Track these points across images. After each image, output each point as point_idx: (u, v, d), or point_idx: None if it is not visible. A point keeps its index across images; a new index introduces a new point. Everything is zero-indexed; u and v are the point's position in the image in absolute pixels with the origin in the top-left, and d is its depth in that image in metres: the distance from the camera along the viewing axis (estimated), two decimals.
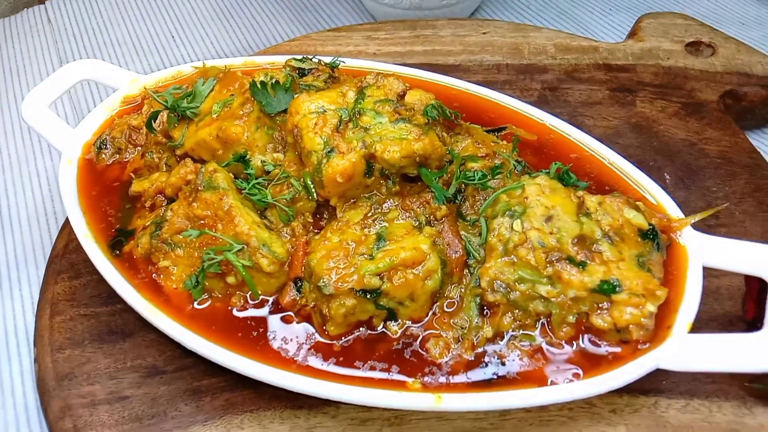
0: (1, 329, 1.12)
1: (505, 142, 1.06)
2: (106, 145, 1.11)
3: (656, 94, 1.37)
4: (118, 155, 1.11)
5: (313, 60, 1.13)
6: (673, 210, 0.97)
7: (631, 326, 0.84)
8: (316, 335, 0.90)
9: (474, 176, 0.96)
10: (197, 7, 1.88)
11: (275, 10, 1.86)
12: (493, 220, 0.91)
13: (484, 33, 1.51)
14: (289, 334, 0.90)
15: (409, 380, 0.85)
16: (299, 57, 1.13)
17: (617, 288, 0.84)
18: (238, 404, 0.92)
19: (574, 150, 1.09)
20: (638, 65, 1.43)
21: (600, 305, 0.86)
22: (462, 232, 0.94)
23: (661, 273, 0.89)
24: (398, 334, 0.89)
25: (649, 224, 0.91)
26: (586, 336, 0.87)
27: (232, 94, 1.04)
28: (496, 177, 0.96)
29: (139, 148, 1.11)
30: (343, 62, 1.16)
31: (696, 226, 0.94)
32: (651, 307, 0.84)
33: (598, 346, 0.86)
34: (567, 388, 0.83)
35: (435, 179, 0.95)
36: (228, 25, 1.81)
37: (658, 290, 0.85)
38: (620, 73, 1.42)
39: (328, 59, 1.14)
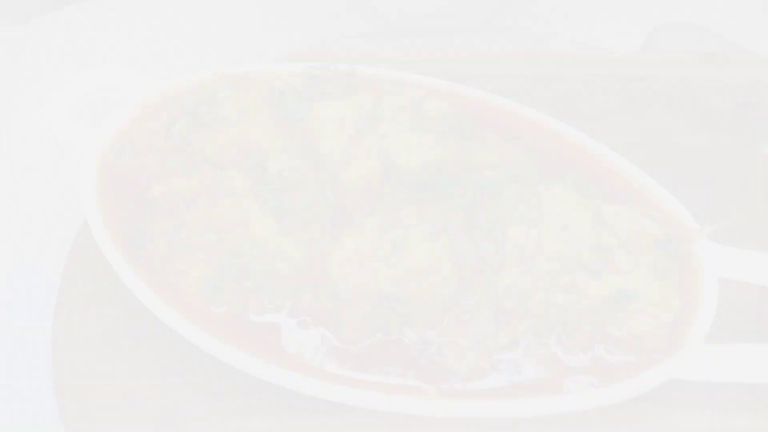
0: (19, 331, 1.13)
1: (520, 150, 1.07)
2: (124, 149, 1.12)
3: (670, 105, 1.37)
4: (136, 159, 1.12)
5: (331, 67, 1.14)
6: (688, 221, 0.98)
7: (646, 335, 0.84)
8: (332, 340, 0.91)
9: (490, 184, 0.97)
10: (214, 15, 1.90)
11: (293, 17, 1.87)
12: (509, 228, 0.92)
13: (499, 42, 1.52)
14: (305, 339, 0.91)
15: (425, 386, 0.85)
16: (317, 64, 1.14)
17: (632, 297, 0.84)
18: (254, 407, 0.93)
19: (589, 159, 1.10)
20: (652, 75, 1.43)
21: (615, 314, 0.86)
22: (478, 240, 0.94)
23: (677, 283, 0.90)
24: (414, 341, 0.90)
25: (665, 234, 0.91)
26: (600, 345, 0.87)
27: (251, 101, 1.05)
28: (512, 185, 0.97)
29: (158, 153, 1.12)
30: (361, 70, 1.17)
31: (711, 237, 0.94)
32: (666, 317, 0.84)
33: (613, 354, 0.87)
34: (581, 396, 0.84)
35: (451, 187, 0.96)
36: (246, 31, 1.82)
37: (673, 300, 0.85)
38: (634, 83, 1.42)
39: (345, 67, 1.15)
